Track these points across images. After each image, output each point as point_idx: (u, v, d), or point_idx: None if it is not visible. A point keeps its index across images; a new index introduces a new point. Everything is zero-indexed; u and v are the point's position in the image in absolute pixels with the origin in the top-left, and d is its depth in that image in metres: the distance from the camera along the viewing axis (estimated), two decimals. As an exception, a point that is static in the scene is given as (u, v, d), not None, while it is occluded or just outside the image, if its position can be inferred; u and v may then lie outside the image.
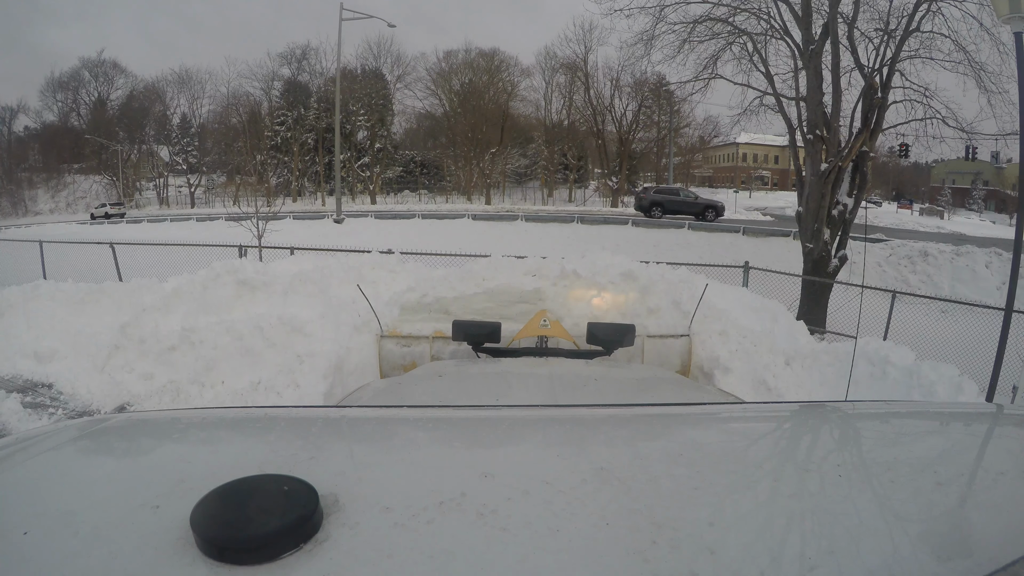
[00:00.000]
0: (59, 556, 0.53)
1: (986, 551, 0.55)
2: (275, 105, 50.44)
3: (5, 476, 0.72)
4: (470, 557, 0.52)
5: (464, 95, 48.05)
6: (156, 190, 52.21)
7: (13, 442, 0.83)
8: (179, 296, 5.40)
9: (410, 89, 51.63)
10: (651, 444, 0.85)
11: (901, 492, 0.68)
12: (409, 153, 51.90)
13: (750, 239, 16.60)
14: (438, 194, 48.75)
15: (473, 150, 45.89)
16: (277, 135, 49.46)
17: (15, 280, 10.53)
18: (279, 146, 49.64)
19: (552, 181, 48.16)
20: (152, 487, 0.65)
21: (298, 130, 49.32)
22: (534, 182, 49.49)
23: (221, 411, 1.39)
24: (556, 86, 46.82)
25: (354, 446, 0.84)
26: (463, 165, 47.21)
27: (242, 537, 0.51)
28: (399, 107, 52.44)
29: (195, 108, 53.88)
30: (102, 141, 48.13)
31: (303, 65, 51.78)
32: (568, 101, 46.80)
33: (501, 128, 46.03)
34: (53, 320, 6.83)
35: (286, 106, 49.91)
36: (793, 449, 0.89)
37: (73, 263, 11.61)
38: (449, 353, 2.33)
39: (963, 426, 1.00)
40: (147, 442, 0.87)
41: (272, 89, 51.24)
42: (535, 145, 48.42)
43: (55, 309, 7.07)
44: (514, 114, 48.55)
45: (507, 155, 46.85)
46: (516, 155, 48.31)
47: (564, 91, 46.64)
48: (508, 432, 0.90)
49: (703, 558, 0.53)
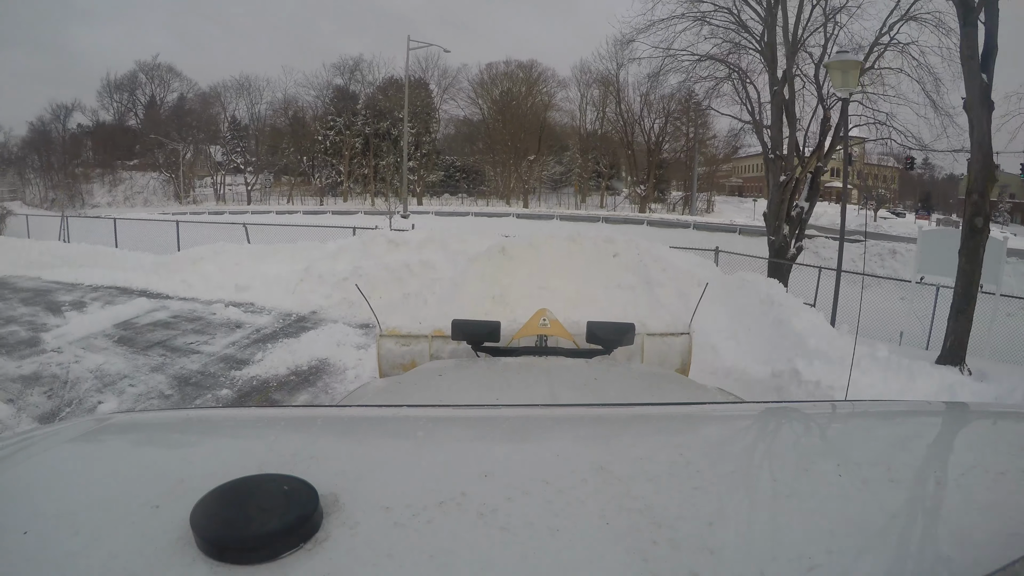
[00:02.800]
0: (59, 556, 0.54)
1: (986, 551, 0.54)
2: (326, 111, 53.87)
3: (5, 476, 0.72)
4: (470, 556, 0.53)
5: (504, 104, 51.44)
6: (213, 187, 54.89)
7: (13, 442, 0.82)
8: (343, 250, 8.80)
9: (455, 100, 55.32)
10: (651, 443, 0.84)
11: (901, 492, 0.68)
12: (450, 158, 55.37)
13: (743, 237, 19.65)
14: (478, 198, 52.18)
15: (512, 157, 49.25)
16: (327, 139, 53.09)
17: (157, 249, 14.21)
18: (328, 149, 53.06)
19: (586, 188, 51.04)
20: (152, 487, 0.65)
21: (347, 135, 52.63)
22: (568, 188, 52.49)
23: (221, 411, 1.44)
24: (590, 99, 50.19)
25: (354, 445, 0.84)
26: (502, 171, 50.57)
27: (242, 537, 0.52)
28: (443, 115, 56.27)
29: (254, 112, 57.34)
30: (162, 140, 51.25)
31: (355, 75, 55.87)
32: (601, 113, 50.03)
33: (539, 137, 49.33)
34: (239, 268, 10.35)
35: (335, 112, 53.36)
36: (793, 449, 0.88)
37: (194, 238, 15.25)
38: (448, 352, 2.29)
39: (964, 426, 0.99)
40: (147, 442, 0.88)
41: (324, 97, 54.79)
42: (570, 153, 51.64)
43: (240, 260, 10.61)
44: (551, 123, 51.82)
45: (544, 162, 50.16)
46: (552, 162, 51.59)
47: (597, 104, 49.95)
48: (508, 431, 0.90)
49: (703, 558, 0.53)
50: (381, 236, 8.49)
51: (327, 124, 53.02)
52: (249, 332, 7.67)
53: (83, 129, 57.00)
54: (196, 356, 6.75)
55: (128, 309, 8.89)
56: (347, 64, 55.44)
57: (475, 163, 53.21)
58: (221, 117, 56.45)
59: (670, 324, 2.44)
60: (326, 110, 53.99)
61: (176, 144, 51.95)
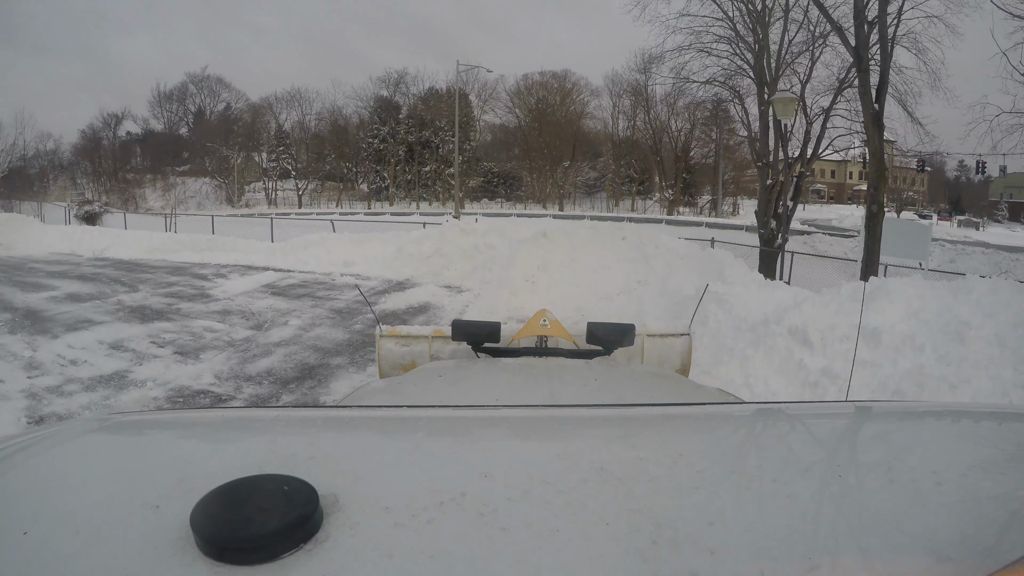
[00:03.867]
0: (59, 556, 0.54)
1: (986, 551, 0.55)
2: (371, 120, 57.70)
3: (5, 476, 0.73)
4: (470, 557, 0.53)
5: (539, 112, 54.48)
6: (265, 191, 58.63)
7: (13, 442, 0.83)
8: (426, 237, 12.04)
9: (494, 111, 58.78)
10: (651, 444, 0.85)
11: (901, 492, 0.68)
12: (487, 164, 58.54)
13: (748, 233, 22.22)
14: (516, 202, 55.34)
15: (547, 163, 52.32)
16: (371, 147, 56.69)
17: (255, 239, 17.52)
18: (372, 156, 56.88)
19: (618, 192, 53.56)
20: (152, 487, 0.66)
21: (392, 143, 56.18)
22: (601, 193, 55.15)
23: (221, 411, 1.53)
24: (621, 108, 53.02)
25: (354, 446, 0.84)
26: (538, 176, 53.66)
27: (242, 537, 0.52)
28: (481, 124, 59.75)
29: (303, 122, 61.10)
30: (215, 147, 55.24)
31: (399, 87, 59.79)
32: (632, 121, 52.83)
33: (573, 144, 52.32)
34: (345, 249, 13.66)
35: (379, 122, 57.07)
36: (793, 449, 0.88)
37: (285, 231, 18.72)
38: (449, 353, 2.25)
39: (964, 426, 0.99)
40: (147, 442, 0.88)
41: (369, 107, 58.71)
42: (603, 159, 54.51)
43: (342, 245, 13.92)
44: (584, 130, 54.71)
45: (578, 168, 53.11)
46: (586, 168, 54.55)
47: (628, 113, 52.76)
48: (508, 432, 0.91)
49: (703, 558, 0.53)
50: (456, 225, 11.70)
51: (372, 132, 56.60)
52: (366, 289, 10.90)
53: (132, 136, 61.36)
54: (336, 300, 9.99)
55: (265, 276, 12.22)
56: (391, 77, 59.43)
57: (512, 169, 56.25)
58: (271, 126, 60.04)
59: (670, 325, 2.50)
60: (371, 119, 57.54)
61: (228, 151, 55.49)
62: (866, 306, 4.85)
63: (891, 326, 4.61)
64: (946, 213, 51.80)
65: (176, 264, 14.55)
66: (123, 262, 14.99)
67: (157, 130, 62.09)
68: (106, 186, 54.02)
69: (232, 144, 56.59)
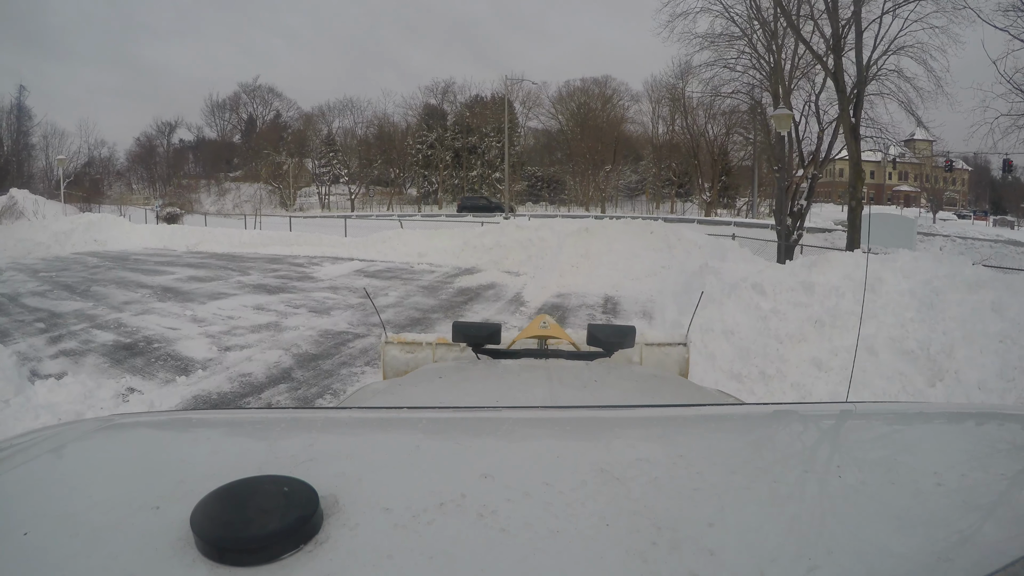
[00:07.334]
0: (59, 557, 0.54)
1: (986, 551, 0.55)
2: (419, 127, 60.41)
3: (5, 476, 0.73)
4: (470, 558, 0.54)
5: (581, 118, 56.43)
6: (318, 196, 61.18)
7: (13, 442, 0.83)
8: (487, 232, 14.58)
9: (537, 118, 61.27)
10: (651, 445, 0.85)
11: (901, 492, 0.69)
12: (531, 169, 60.69)
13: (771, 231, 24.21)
14: (559, 205, 57.37)
15: (589, 167, 54.35)
16: (419, 152, 59.23)
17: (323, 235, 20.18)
18: (420, 162, 59.36)
19: (659, 195, 54.99)
20: (152, 488, 0.66)
21: (439, 148, 58.70)
22: (642, 196, 56.67)
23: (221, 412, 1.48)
24: (660, 113, 54.74)
25: (354, 447, 0.84)
26: (580, 180, 55.72)
27: (242, 538, 0.53)
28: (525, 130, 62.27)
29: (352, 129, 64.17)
30: (270, 153, 57.46)
31: (446, 96, 62.83)
32: (671, 125, 54.52)
33: (614, 148, 54.27)
34: (417, 243, 16.30)
35: (427, 128, 59.71)
36: (793, 449, 0.89)
37: (357, 228, 21.47)
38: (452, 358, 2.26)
39: (964, 426, 0.99)
40: (147, 442, 0.89)
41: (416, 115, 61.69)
42: (644, 163, 56.26)
43: (414, 239, 16.54)
44: (625, 134, 56.32)
45: (620, 171, 54.99)
46: (627, 171, 56.39)
47: (667, 118, 54.44)
48: (508, 433, 0.91)
49: (703, 559, 0.53)
50: (513, 222, 14.19)
51: (420, 139, 59.26)
52: (440, 274, 13.46)
53: (185, 144, 65.22)
54: (420, 280, 12.57)
55: (353, 264, 14.91)
56: (439, 86, 62.53)
57: (555, 173, 58.38)
58: (324, 133, 63.05)
59: (668, 334, 2.53)
60: (419, 126, 60.29)
61: (282, 158, 58.38)
62: (810, 270, 7.09)
63: (825, 281, 6.82)
64: (982, 213, 52.42)
65: (269, 256, 17.16)
66: (219, 255, 17.62)
67: (210, 137, 65.92)
68: (161, 190, 56.26)
69: (283, 150, 59.63)
